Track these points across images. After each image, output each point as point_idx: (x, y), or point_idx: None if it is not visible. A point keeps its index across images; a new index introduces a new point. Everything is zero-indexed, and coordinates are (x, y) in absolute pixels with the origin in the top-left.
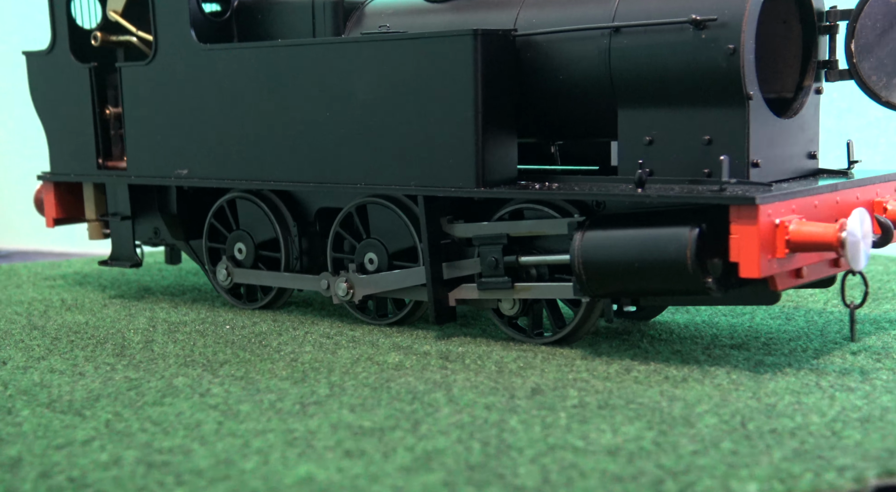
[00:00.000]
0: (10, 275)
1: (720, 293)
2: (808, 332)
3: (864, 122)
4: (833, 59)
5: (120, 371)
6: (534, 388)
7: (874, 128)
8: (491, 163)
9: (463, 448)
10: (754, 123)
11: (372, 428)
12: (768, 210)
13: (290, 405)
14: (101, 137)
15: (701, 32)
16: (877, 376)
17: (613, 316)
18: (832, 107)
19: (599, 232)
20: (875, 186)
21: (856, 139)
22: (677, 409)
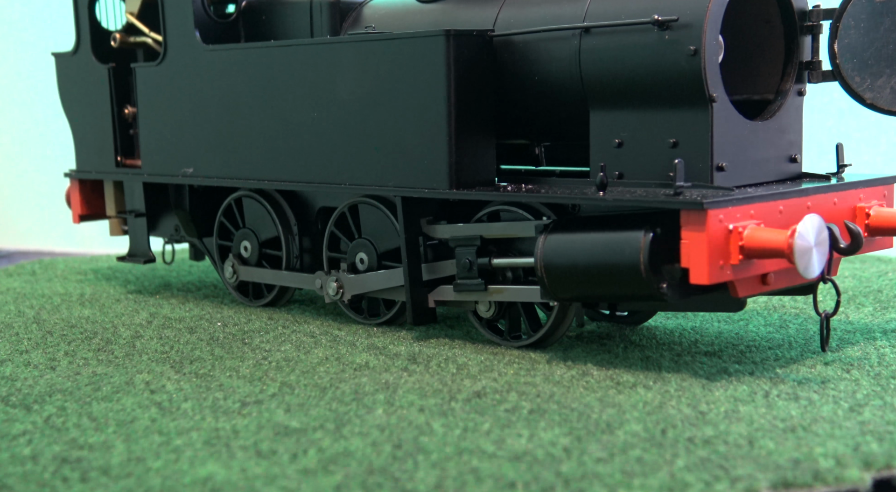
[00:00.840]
0: (47, 268)
1: (676, 299)
2: (793, 340)
3: (865, 122)
4: (816, 59)
5: (91, 366)
6: (478, 391)
7: (874, 128)
8: (465, 164)
9: (373, 451)
10: (719, 126)
11: (297, 429)
12: (719, 215)
13: (230, 404)
14: (119, 136)
15: (664, 33)
16: (835, 387)
17: (584, 320)
18: (832, 107)
19: (561, 235)
20: (858, 190)
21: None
22: (607, 415)
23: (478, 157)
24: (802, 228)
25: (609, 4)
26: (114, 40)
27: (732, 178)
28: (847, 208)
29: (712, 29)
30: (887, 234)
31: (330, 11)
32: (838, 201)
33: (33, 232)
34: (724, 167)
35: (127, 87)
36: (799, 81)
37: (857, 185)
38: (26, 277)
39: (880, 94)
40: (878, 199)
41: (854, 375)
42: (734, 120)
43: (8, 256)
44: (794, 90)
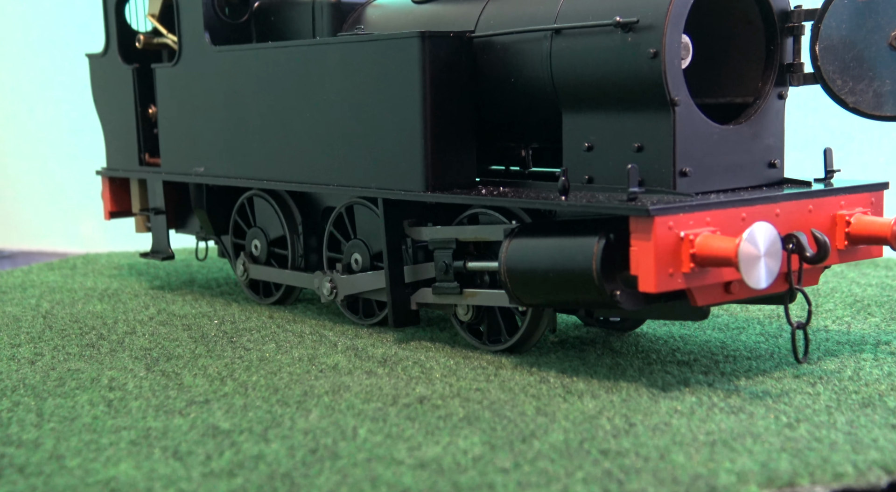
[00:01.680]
0: (89, 262)
1: (632, 306)
2: (778, 351)
3: (869, 124)
4: (797, 61)
5: (70, 362)
6: (424, 396)
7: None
8: (442, 166)
9: (287, 455)
10: (682, 131)
11: (225, 430)
12: (668, 222)
13: (177, 404)
14: (142, 135)
15: (627, 35)
16: (788, 401)
17: (556, 327)
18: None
19: (524, 240)
20: (838, 197)
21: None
22: (534, 424)
23: (456, 159)
24: (749, 236)
25: (580, 4)
26: (138, 41)
27: (698, 183)
28: (826, 216)
29: (673, 31)
30: (869, 242)
31: (330, 12)
32: (814, 208)
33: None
34: (688, 172)
35: (151, 88)
36: (781, 84)
37: (837, 192)
38: (66, 270)
39: (862, 97)
40: (863, 206)
41: (818, 389)
42: (700, 124)
43: (11, 257)
44: (774, 93)
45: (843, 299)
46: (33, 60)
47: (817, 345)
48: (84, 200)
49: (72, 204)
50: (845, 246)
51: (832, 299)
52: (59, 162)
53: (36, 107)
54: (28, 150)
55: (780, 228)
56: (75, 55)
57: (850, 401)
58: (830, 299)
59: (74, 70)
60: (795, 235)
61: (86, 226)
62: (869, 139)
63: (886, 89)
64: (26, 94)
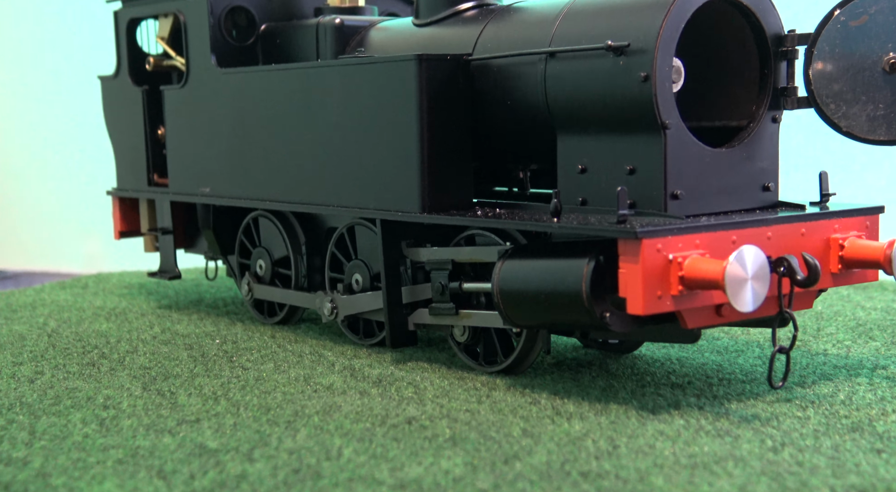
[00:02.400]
0: (100, 281)
1: (620, 328)
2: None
3: (869, 147)
4: (791, 85)
5: (70, 380)
6: (413, 417)
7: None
8: (438, 188)
9: (270, 474)
10: (673, 154)
11: (212, 450)
12: (657, 245)
13: (168, 423)
14: (151, 155)
15: (619, 59)
16: (777, 425)
17: (550, 348)
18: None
19: (516, 262)
20: (832, 221)
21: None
22: (519, 446)
23: (452, 180)
24: (736, 259)
25: (574, 28)
26: (148, 64)
27: (690, 206)
28: (819, 239)
29: (664, 55)
30: (863, 266)
31: (333, 34)
32: (807, 232)
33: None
34: (679, 195)
35: (160, 109)
36: (775, 108)
37: (831, 215)
38: (77, 290)
39: (856, 121)
40: (858, 230)
41: (808, 413)
42: (692, 147)
43: (14, 278)
44: (768, 117)
45: (845, 323)
46: (42, 81)
47: (814, 369)
48: (93, 220)
49: (81, 224)
50: (839, 270)
51: (835, 323)
52: (68, 182)
53: (43, 127)
54: (34, 170)
55: (772, 252)
56: (84, 76)
57: (838, 425)
58: (833, 323)
59: (85, 91)
60: (787, 259)
61: (94, 246)
62: (870, 162)
63: (880, 113)
64: (35, 114)
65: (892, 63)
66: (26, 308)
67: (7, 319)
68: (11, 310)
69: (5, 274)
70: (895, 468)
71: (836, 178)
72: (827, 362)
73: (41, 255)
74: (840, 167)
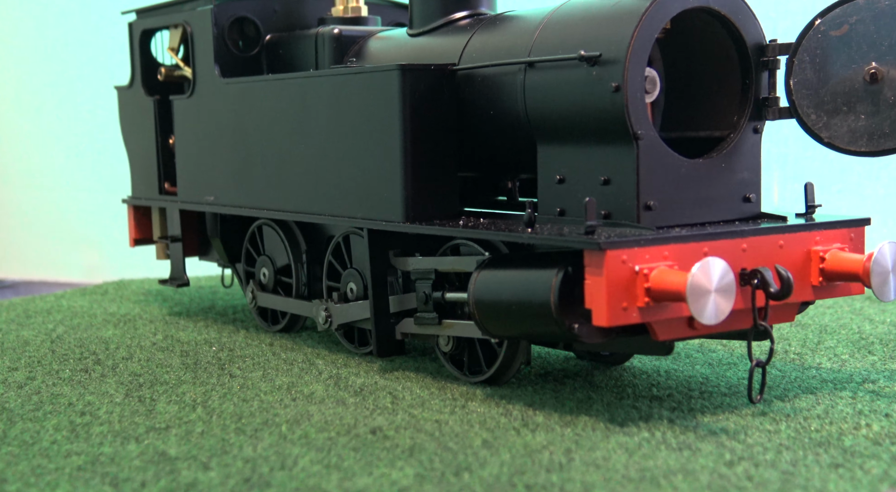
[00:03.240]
0: (120, 288)
1: (590, 340)
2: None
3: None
4: (773, 96)
5: (58, 386)
6: (379, 427)
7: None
8: (421, 197)
9: (220, 483)
10: (646, 164)
11: (171, 457)
12: (622, 256)
13: (138, 430)
14: (162, 164)
15: (592, 69)
16: (744, 438)
17: (530, 358)
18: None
19: (492, 272)
20: (813, 233)
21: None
22: (475, 457)
23: (437, 190)
24: (700, 270)
25: (552, 37)
26: (159, 74)
27: (664, 217)
28: (799, 252)
29: (635, 65)
30: (844, 279)
31: (331, 44)
32: (785, 244)
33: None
34: (652, 206)
35: (171, 118)
36: (757, 119)
37: (811, 227)
38: (96, 296)
39: (837, 132)
40: (841, 242)
41: (780, 427)
42: (667, 158)
43: (13, 287)
44: (749, 127)
45: (848, 336)
46: (44, 91)
47: (801, 382)
48: (93, 230)
49: (81, 233)
50: (819, 282)
51: (837, 336)
52: (67, 192)
53: (42, 137)
54: (34, 179)
55: (748, 264)
56: (87, 86)
57: (806, 440)
58: (835, 336)
59: (87, 101)
60: (760, 271)
61: (94, 255)
62: (868, 172)
63: (861, 124)
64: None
65: (873, 73)
66: (41, 314)
67: (20, 324)
68: (27, 315)
69: (4, 283)
70: (846, 484)
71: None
72: (817, 376)
73: (41, 264)
74: (839, 177)
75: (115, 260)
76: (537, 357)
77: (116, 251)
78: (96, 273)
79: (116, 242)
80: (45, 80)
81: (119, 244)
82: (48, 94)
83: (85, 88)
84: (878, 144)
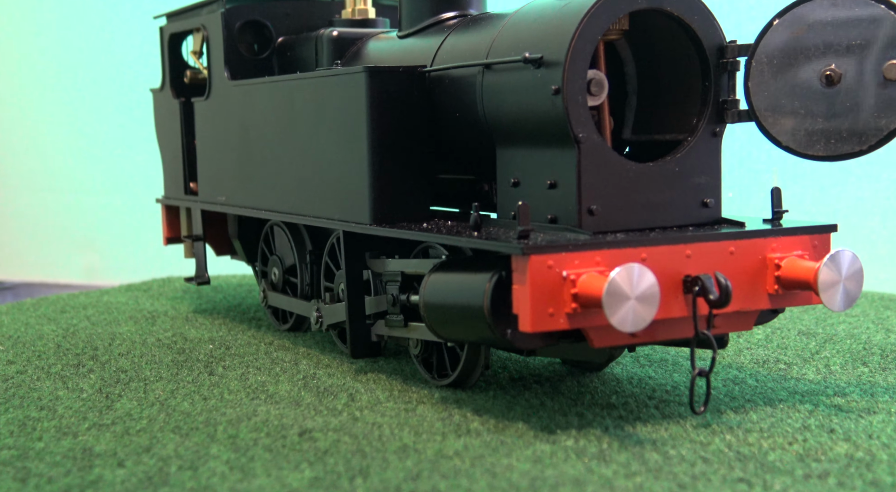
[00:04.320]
0: (163, 285)
1: (525, 346)
2: (720, 398)
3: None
4: (732, 98)
5: (42, 380)
6: (309, 429)
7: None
8: (388, 200)
9: (121, 481)
10: (589, 168)
11: (96, 453)
12: (548, 261)
13: (82, 426)
14: (187, 165)
15: (538, 72)
16: (666, 451)
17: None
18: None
19: (440, 275)
20: (769, 239)
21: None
22: (381, 462)
23: (406, 192)
24: (617, 276)
25: (508, 39)
26: (185, 77)
27: (608, 222)
28: (753, 259)
29: (575, 68)
30: (798, 287)
31: (330, 46)
32: (737, 251)
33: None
34: (595, 211)
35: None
36: (717, 121)
37: (767, 233)
38: (139, 292)
39: (794, 136)
40: (802, 249)
41: (713, 440)
42: (613, 161)
43: (13, 289)
44: (708, 130)
45: (849, 346)
46: (46, 93)
47: (769, 394)
48: (93, 231)
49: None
50: (775, 290)
51: (840, 345)
52: (67, 194)
53: (40, 138)
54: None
55: (693, 270)
56: (99, 87)
57: (731, 454)
58: (838, 345)
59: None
60: (700, 278)
61: (93, 256)
62: (865, 174)
63: (818, 128)
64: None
65: (828, 75)
66: (76, 310)
67: (50, 319)
68: (60, 310)
69: (4, 285)
70: None
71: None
72: (790, 388)
73: (41, 266)
74: (839, 180)
75: (116, 261)
76: (519, 361)
77: (117, 251)
78: (96, 275)
79: (117, 243)
80: (44, 81)
81: (120, 244)
82: (48, 94)
83: (86, 88)
84: (835, 148)
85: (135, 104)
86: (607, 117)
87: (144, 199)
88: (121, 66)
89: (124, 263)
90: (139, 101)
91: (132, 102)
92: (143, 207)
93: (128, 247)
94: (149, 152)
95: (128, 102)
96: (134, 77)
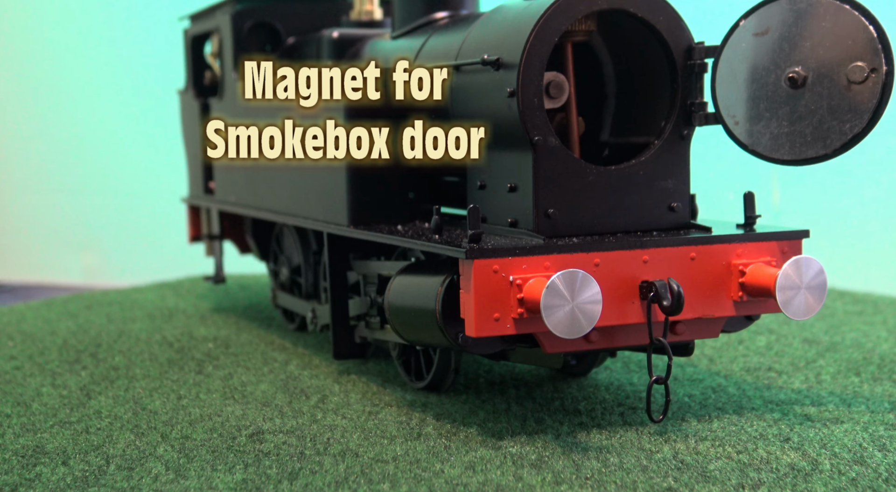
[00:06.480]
0: (193, 283)
1: (476, 350)
2: (691, 406)
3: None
4: (700, 100)
5: (35, 376)
6: (263, 430)
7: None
8: (365, 202)
9: (59, 478)
10: (545, 171)
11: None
12: (493, 266)
13: (47, 423)
14: (205, 165)
15: (497, 74)
16: (606, 459)
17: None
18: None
19: (404, 278)
20: (733, 245)
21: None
22: (318, 466)
23: (384, 194)
24: (555, 282)
25: (475, 40)
26: (205, 78)
27: (565, 226)
28: (717, 265)
29: (530, 70)
30: (762, 294)
31: (330, 47)
32: (698, 256)
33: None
34: (552, 214)
35: None
36: (686, 124)
37: (730, 239)
38: (167, 291)
39: (759, 140)
40: (771, 255)
41: (663, 448)
42: (571, 164)
43: (12, 291)
44: (675, 133)
45: (849, 355)
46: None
47: (742, 402)
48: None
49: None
50: (740, 297)
51: (841, 354)
52: (64, 195)
53: (40, 139)
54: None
55: (650, 276)
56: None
57: (674, 462)
58: (839, 354)
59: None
60: (654, 284)
61: (92, 257)
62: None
63: (783, 131)
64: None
65: (792, 77)
66: (102, 306)
67: (70, 316)
68: (87, 307)
69: (3, 287)
70: None
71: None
72: (768, 397)
73: (40, 267)
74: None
75: (116, 261)
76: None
77: (117, 252)
78: (96, 276)
79: (117, 244)
80: (45, 82)
81: (119, 245)
82: (49, 95)
83: (85, 90)
84: (800, 152)
85: (134, 104)
86: (574, 119)
87: (145, 198)
88: (121, 66)
89: (124, 263)
90: (139, 101)
91: (132, 102)
92: (144, 207)
93: (128, 247)
94: (150, 153)
95: (128, 102)
96: (135, 78)
